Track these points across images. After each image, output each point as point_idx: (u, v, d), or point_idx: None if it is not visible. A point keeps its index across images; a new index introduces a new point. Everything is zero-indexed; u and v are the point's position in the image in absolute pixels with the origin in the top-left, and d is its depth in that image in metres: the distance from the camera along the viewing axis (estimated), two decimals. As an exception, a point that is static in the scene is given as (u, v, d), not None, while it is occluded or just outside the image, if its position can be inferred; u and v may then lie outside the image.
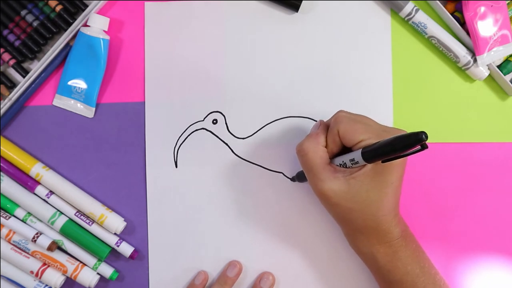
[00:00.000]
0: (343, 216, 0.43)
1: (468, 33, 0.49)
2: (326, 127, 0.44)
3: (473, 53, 0.50)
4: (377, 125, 0.42)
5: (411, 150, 0.35)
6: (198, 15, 0.52)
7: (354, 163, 0.40)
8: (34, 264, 0.49)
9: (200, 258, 0.51)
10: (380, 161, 0.38)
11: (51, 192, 0.50)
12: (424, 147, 0.34)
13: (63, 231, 0.49)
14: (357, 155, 0.39)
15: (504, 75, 0.50)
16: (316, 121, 0.51)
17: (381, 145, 0.37)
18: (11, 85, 0.51)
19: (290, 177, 0.51)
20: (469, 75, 0.51)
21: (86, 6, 0.50)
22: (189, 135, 0.51)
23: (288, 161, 0.51)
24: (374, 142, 0.39)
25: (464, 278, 0.51)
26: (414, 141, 0.34)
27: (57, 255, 0.49)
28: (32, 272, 0.49)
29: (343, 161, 0.41)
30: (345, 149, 0.43)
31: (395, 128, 0.42)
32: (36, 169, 0.49)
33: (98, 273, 0.50)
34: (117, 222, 0.50)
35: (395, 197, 0.42)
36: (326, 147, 0.43)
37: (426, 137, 0.33)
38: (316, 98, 0.51)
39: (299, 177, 0.49)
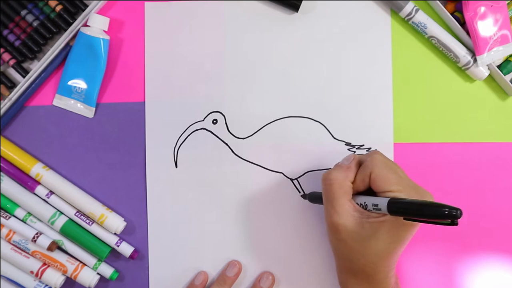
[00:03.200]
0: (344, 254, 0.43)
1: (468, 33, 0.49)
2: (358, 162, 0.43)
3: (473, 53, 0.50)
4: (407, 179, 0.42)
5: (440, 221, 0.34)
6: (198, 15, 0.52)
7: (376, 209, 0.39)
8: (34, 264, 0.49)
9: (200, 258, 0.51)
10: (402, 217, 0.37)
11: (51, 192, 0.50)
12: (454, 223, 0.34)
13: (63, 231, 0.49)
14: (382, 202, 0.39)
15: (504, 75, 0.50)
16: (316, 121, 0.51)
17: (413, 204, 0.36)
18: (11, 85, 0.51)
19: (290, 177, 0.51)
20: (469, 75, 0.51)
21: (86, 6, 0.50)
22: (189, 135, 0.51)
23: (288, 161, 0.51)
24: (402, 196, 0.39)
25: (464, 278, 0.51)
26: (448, 215, 0.33)
27: (57, 255, 0.49)
28: (32, 272, 0.49)
29: (365, 202, 0.41)
30: (369, 189, 0.42)
31: (422, 188, 0.42)
32: (36, 169, 0.49)
33: (98, 273, 0.50)
34: (117, 222, 0.50)
35: (400, 252, 0.41)
36: (353, 182, 0.43)
37: (461, 214, 0.33)
38: (316, 98, 0.51)
39: (312, 198, 0.48)
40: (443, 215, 0.34)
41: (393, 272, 0.43)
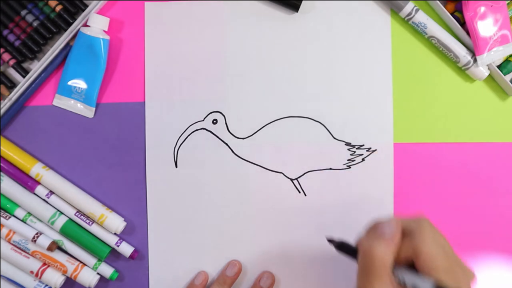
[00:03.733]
0: None
1: (468, 33, 0.49)
2: (401, 229, 0.38)
3: (473, 53, 0.50)
4: (453, 256, 0.37)
5: None
6: (198, 15, 0.52)
7: None
8: (34, 264, 0.49)
9: (200, 258, 0.51)
10: None
11: (51, 192, 0.50)
12: None
13: (63, 231, 0.49)
14: (424, 286, 0.35)
15: (504, 75, 0.50)
16: (316, 121, 0.51)
17: None
18: (11, 85, 0.51)
19: (290, 177, 0.51)
20: (469, 75, 0.51)
21: (86, 6, 0.50)
22: (189, 135, 0.51)
23: (288, 161, 0.51)
24: (449, 281, 0.35)
25: (464, 278, 0.51)
26: None
27: (57, 255, 0.49)
28: (32, 272, 0.49)
29: (404, 278, 0.36)
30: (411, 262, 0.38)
31: (464, 264, 0.38)
32: (36, 169, 0.49)
33: (98, 273, 0.50)
34: (117, 222, 0.50)
35: None
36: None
37: None
38: (316, 98, 0.51)
39: (343, 249, 0.41)
40: None
41: None
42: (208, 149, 0.51)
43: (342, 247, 0.41)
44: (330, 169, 0.51)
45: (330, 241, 0.42)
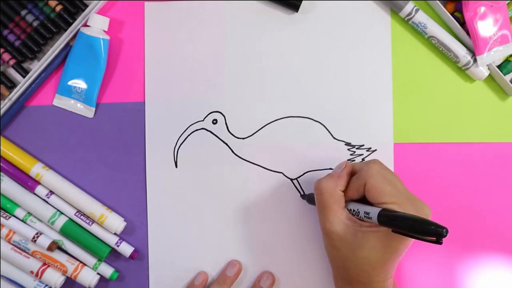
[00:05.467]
0: (339, 262, 0.43)
1: (468, 33, 0.49)
2: (350, 170, 0.44)
3: (473, 53, 0.50)
4: (405, 191, 0.42)
5: (426, 238, 0.34)
6: (198, 15, 0.52)
7: (367, 217, 0.39)
8: (34, 264, 0.49)
9: (200, 258, 0.51)
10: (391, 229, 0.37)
11: (51, 192, 0.50)
12: (438, 242, 0.33)
13: (63, 231, 0.49)
14: (373, 212, 0.39)
15: (504, 75, 0.50)
16: (316, 121, 0.51)
17: (400, 218, 0.36)
18: (11, 85, 0.51)
19: (290, 177, 0.51)
20: (469, 75, 0.51)
21: (86, 6, 0.50)
22: (189, 135, 0.51)
23: (288, 161, 0.51)
24: (396, 209, 0.39)
25: (464, 278, 0.51)
26: (434, 233, 0.34)
27: (57, 255, 0.49)
28: (32, 272, 0.49)
29: (357, 209, 0.41)
30: (364, 197, 0.42)
31: (421, 201, 0.41)
32: (36, 169, 0.49)
33: (98, 273, 0.50)
34: (117, 222, 0.50)
35: (395, 263, 0.41)
36: (345, 190, 0.43)
37: (447, 233, 0.33)
38: (316, 98, 0.51)
39: (311, 200, 0.48)
40: (429, 232, 0.34)
41: (390, 281, 0.42)
42: (208, 149, 0.51)
43: (311, 199, 0.47)
44: (330, 169, 0.51)
45: (303, 197, 0.50)
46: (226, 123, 0.51)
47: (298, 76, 0.51)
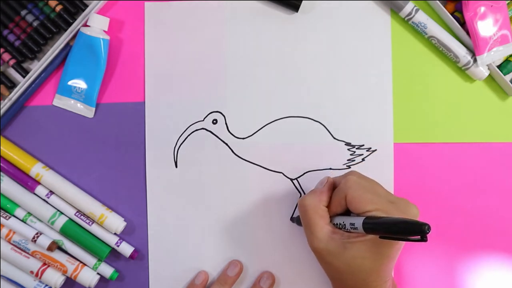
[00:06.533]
0: (334, 275, 0.43)
1: (468, 33, 0.49)
2: (332, 185, 0.44)
3: (473, 53, 0.50)
4: (387, 195, 0.42)
5: (411, 238, 0.34)
6: (198, 15, 0.52)
7: (354, 228, 0.39)
8: (34, 264, 0.49)
9: (200, 258, 0.51)
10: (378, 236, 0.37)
11: (51, 192, 0.50)
12: (423, 239, 0.33)
13: (63, 231, 0.49)
14: (358, 222, 0.39)
15: (504, 75, 0.50)
16: (316, 121, 0.51)
17: (384, 223, 0.36)
18: (11, 85, 0.51)
19: (290, 177, 0.51)
20: (469, 75, 0.51)
21: (86, 6, 0.50)
22: (189, 135, 0.51)
23: (288, 161, 0.51)
24: (380, 214, 0.39)
25: (464, 278, 0.51)
26: (417, 231, 0.33)
27: (57, 255, 0.49)
28: (32, 272, 0.49)
29: (343, 222, 0.41)
30: (348, 210, 0.42)
31: (401, 199, 0.42)
32: (36, 169, 0.49)
33: (98, 273, 0.50)
34: (117, 222, 0.50)
35: (390, 266, 0.41)
36: (329, 205, 0.43)
37: (429, 229, 0.33)
38: (316, 98, 0.51)
39: (299, 222, 0.48)
40: (411, 231, 0.33)
41: (389, 283, 0.42)
42: (208, 149, 0.51)
43: (300, 220, 0.46)
44: (330, 169, 0.51)
45: (292, 220, 0.50)
46: (226, 123, 0.51)
47: (298, 76, 0.51)
